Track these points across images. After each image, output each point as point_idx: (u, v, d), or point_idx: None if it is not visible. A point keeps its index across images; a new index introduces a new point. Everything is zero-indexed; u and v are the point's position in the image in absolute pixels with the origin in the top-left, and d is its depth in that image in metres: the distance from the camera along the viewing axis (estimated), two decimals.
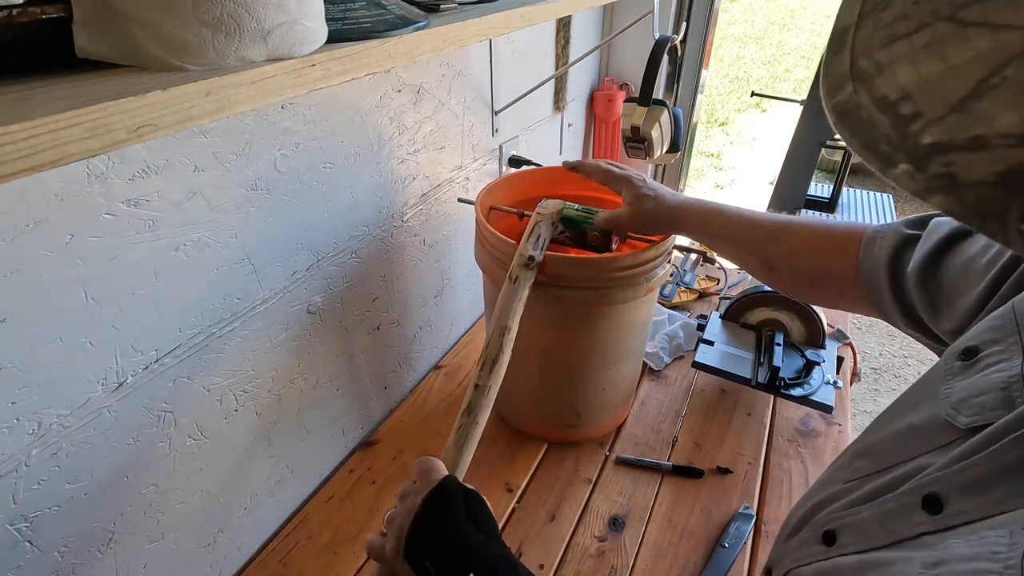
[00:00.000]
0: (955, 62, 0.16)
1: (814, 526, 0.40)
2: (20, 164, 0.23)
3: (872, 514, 0.35)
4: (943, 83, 0.17)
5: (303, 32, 0.35)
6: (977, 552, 0.27)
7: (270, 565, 0.73)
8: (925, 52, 0.17)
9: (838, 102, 0.19)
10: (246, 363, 0.64)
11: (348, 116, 0.69)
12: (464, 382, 1.02)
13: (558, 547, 0.74)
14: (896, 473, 0.36)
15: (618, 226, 0.67)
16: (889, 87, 0.18)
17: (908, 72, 0.17)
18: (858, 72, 0.19)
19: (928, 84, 0.17)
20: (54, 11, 0.30)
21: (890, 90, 0.18)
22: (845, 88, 0.19)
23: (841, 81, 0.19)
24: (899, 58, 0.18)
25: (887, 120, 0.18)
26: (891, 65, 0.18)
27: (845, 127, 0.19)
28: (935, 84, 0.17)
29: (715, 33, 1.44)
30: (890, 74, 0.18)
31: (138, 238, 0.49)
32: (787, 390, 0.87)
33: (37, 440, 0.47)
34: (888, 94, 0.18)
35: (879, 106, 0.18)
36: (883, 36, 0.18)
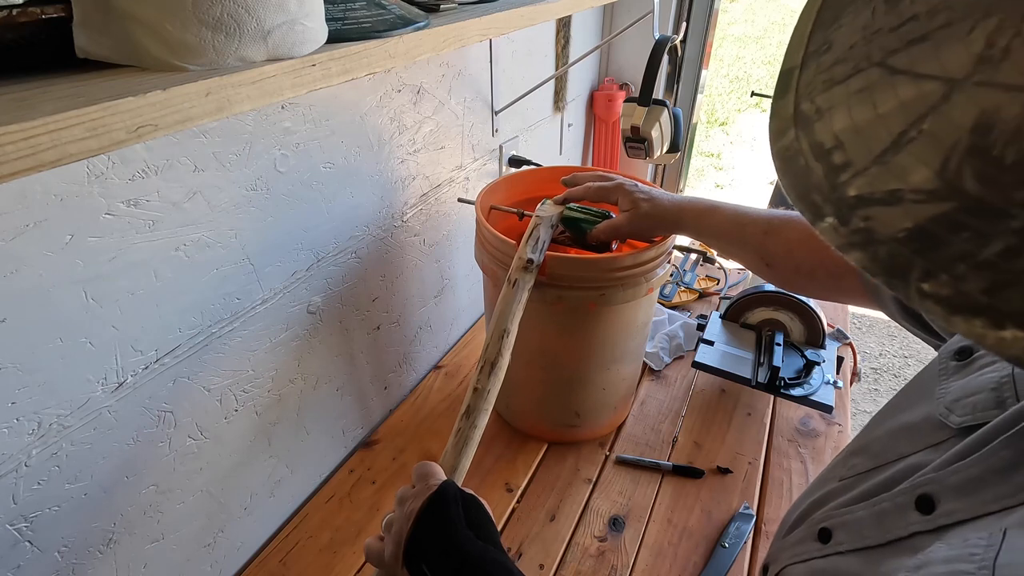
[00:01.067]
0: (882, 110, 0.16)
1: (811, 523, 0.41)
2: (20, 164, 0.23)
3: (867, 513, 0.36)
4: (871, 132, 0.16)
5: (303, 32, 0.35)
6: (957, 554, 0.27)
7: (270, 565, 0.73)
8: (857, 98, 0.17)
9: (781, 147, 0.19)
10: (246, 363, 0.64)
11: (348, 116, 0.69)
12: (464, 382, 1.02)
13: (558, 547, 0.74)
14: (890, 471, 0.37)
15: (619, 234, 0.67)
16: (825, 134, 0.18)
17: (843, 119, 0.17)
18: (801, 116, 0.19)
19: (858, 132, 0.17)
20: (54, 11, 0.30)
21: (826, 137, 0.18)
22: (788, 133, 0.19)
23: (785, 125, 0.19)
24: (836, 103, 0.18)
25: (821, 169, 0.18)
26: (829, 110, 0.18)
27: (786, 175, 0.19)
28: (864, 133, 0.17)
29: (715, 33, 1.44)
30: (827, 120, 0.18)
31: (138, 238, 0.49)
32: (787, 390, 0.87)
33: (37, 440, 0.47)
34: (824, 141, 0.18)
35: (815, 153, 0.18)
36: (823, 80, 0.18)
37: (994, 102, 0.14)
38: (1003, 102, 0.14)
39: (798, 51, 0.20)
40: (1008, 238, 0.14)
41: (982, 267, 0.14)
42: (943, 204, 0.15)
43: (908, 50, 0.16)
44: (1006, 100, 0.14)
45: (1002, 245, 0.14)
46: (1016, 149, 0.14)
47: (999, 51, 0.14)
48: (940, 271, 0.15)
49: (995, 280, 0.14)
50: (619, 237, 0.68)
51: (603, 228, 0.68)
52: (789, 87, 0.19)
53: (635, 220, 0.64)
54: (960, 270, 0.14)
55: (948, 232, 0.15)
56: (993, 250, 0.14)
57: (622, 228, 0.66)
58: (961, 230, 0.14)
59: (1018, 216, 0.13)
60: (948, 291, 0.14)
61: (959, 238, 0.14)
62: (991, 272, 0.14)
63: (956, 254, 0.14)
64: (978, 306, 0.14)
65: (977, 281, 0.14)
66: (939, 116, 0.15)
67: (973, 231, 0.14)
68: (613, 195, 0.67)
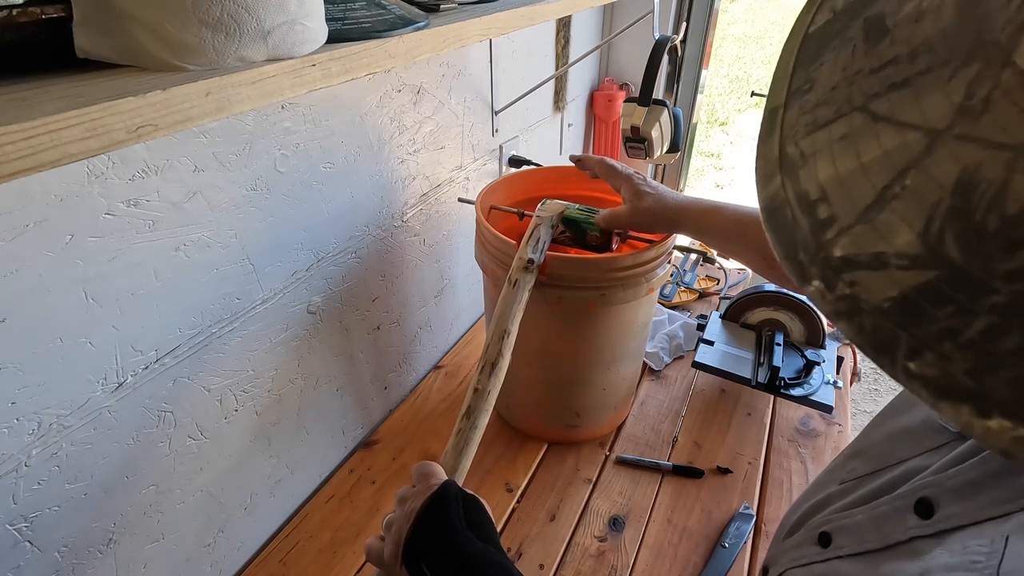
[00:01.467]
0: (866, 160, 0.15)
1: (810, 527, 0.41)
2: (20, 164, 0.23)
3: (866, 517, 0.36)
4: (855, 184, 0.16)
5: (303, 32, 0.35)
6: (959, 562, 0.27)
7: (270, 565, 0.73)
8: (841, 145, 0.16)
9: (768, 196, 0.18)
10: (246, 363, 0.64)
11: (348, 116, 0.69)
12: (464, 382, 1.02)
13: (558, 547, 0.74)
14: (890, 475, 0.37)
15: (618, 224, 0.67)
16: (810, 183, 0.17)
17: (827, 167, 0.16)
18: (786, 160, 0.18)
19: (842, 184, 0.16)
20: (54, 11, 0.30)
21: (811, 187, 0.17)
22: (774, 179, 0.18)
23: (771, 169, 0.18)
24: (820, 149, 0.17)
25: (807, 223, 0.17)
26: (813, 156, 0.17)
27: (771, 228, 0.18)
28: (848, 185, 0.16)
29: (715, 33, 1.44)
30: (812, 167, 0.17)
31: (138, 238, 0.49)
32: (787, 390, 0.87)
33: (37, 440, 0.47)
34: (809, 191, 0.17)
35: (801, 205, 0.17)
36: (807, 122, 0.18)
37: (975, 159, 0.13)
38: (984, 159, 0.13)
39: (781, 89, 0.19)
40: (992, 316, 0.13)
41: (967, 347, 0.13)
42: (927, 272, 0.14)
43: (889, 95, 0.15)
44: (987, 158, 0.13)
45: (986, 323, 0.13)
46: (998, 215, 0.13)
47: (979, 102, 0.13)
48: (926, 349, 0.14)
49: (980, 362, 0.13)
50: (618, 227, 0.68)
51: (604, 216, 0.68)
52: (774, 128, 0.19)
53: (636, 213, 0.64)
54: (946, 348, 0.13)
55: (932, 305, 0.14)
56: (977, 328, 0.13)
57: (622, 218, 0.66)
58: (945, 303, 0.13)
59: (1001, 291, 0.13)
60: (934, 372, 0.14)
61: (943, 312, 0.13)
62: (975, 353, 0.13)
63: (941, 330, 0.13)
64: (965, 391, 0.13)
65: (962, 362, 0.13)
66: (921, 171, 0.14)
67: (957, 305, 0.13)
68: (619, 181, 0.67)
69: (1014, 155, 0.13)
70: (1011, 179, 0.13)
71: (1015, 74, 0.13)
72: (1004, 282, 0.13)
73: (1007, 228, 0.13)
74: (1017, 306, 0.12)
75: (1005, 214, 0.13)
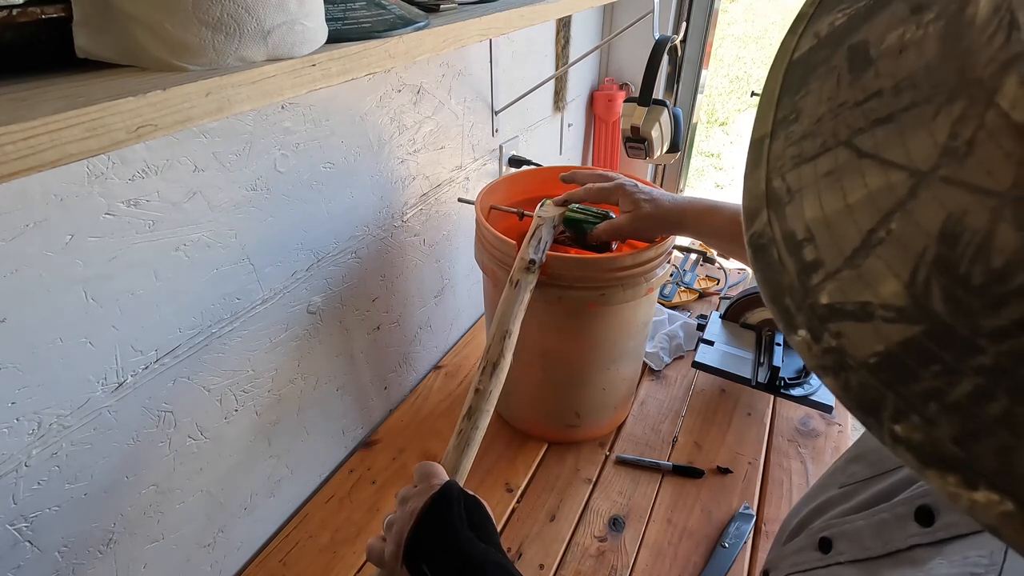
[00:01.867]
0: (851, 200, 0.15)
1: (811, 532, 0.41)
2: (20, 164, 0.23)
3: (867, 523, 0.36)
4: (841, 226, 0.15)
5: (303, 32, 0.35)
6: (959, 573, 0.27)
7: (270, 565, 0.73)
8: (826, 182, 0.16)
9: (754, 233, 0.18)
10: (246, 363, 0.64)
11: (348, 116, 0.69)
12: (464, 382, 1.02)
13: (558, 547, 0.74)
14: (890, 480, 0.37)
15: (620, 235, 0.67)
16: (796, 221, 0.16)
17: (813, 205, 0.16)
18: (772, 194, 0.17)
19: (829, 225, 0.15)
20: (54, 11, 0.30)
21: (797, 226, 0.16)
22: (761, 215, 0.17)
23: (757, 204, 0.18)
24: (806, 185, 0.16)
25: (793, 266, 0.16)
26: (800, 192, 0.16)
27: (758, 268, 0.17)
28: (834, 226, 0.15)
29: (715, 33, 1.43)
30: (798, 203, 0.16)
31: (138, 238, 0.49)
32: (787, 390, 0.87)
33: (37, 440, 0.47)
34: (796, 231, 0.16)
35: (788, 245, 0.16)
36: (793, 154, 0.17)
37: (961, 205, 0.13)
38: (970, 206, 0.12)
39: (767, 118, 0.19)
40: (977, 377, 0.12)
41: (952, 410, 0.12)
42: (913, 327, 0.13)
43: (874, 131, 0.15)
44: (973, 204, 0.12)
45: (972, 385, 0.12)
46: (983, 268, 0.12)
47: (963, 143, 0.13)
48: (911, 411, 0.13)
49: (966, 428, 0.12)
50: (620, 238, 0.68)
51: (604, 228, 0.68)
52: (760, 159, 0.18)
53: (636, 221, 0.64)
54: (931, 411, 0.13)
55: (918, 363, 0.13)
56: (963, 391, 0.12)
57: (623, 229, 0.66)
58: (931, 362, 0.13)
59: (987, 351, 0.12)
60: (920, 437, 0.13)
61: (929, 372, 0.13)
62: (961, 418, 0.12)
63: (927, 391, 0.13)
64: (951, 459, 0.12)
65: (948, 427, 0.12)
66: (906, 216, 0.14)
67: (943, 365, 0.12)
68: (613, 196, 0.67)
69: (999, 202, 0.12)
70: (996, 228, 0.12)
71: (999, 115, 0.12)
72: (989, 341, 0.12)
73: (992, 283, 0.12)
74: (1003, 368, 0.12)
75: (990, 267, 0.12)
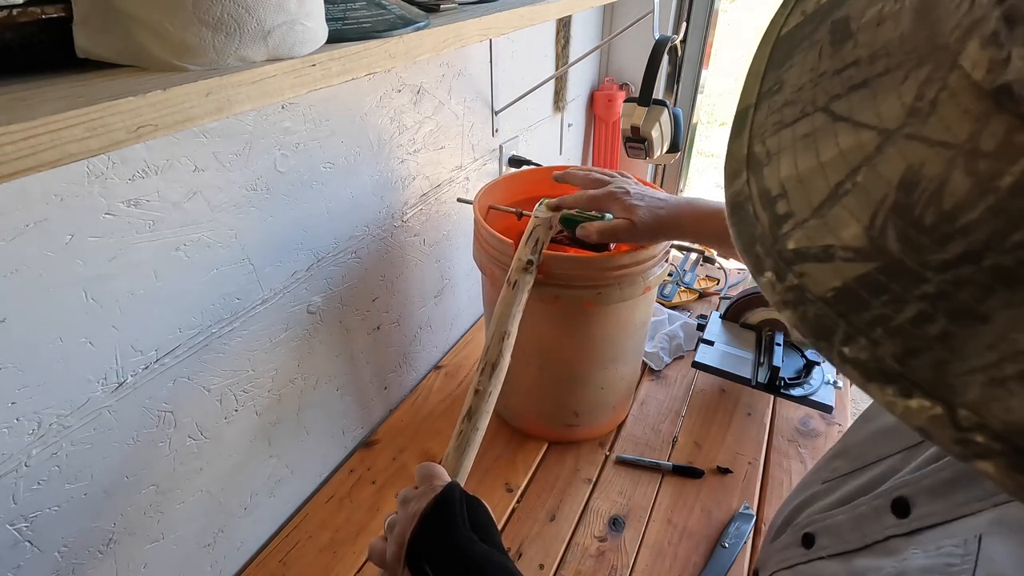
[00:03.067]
0: (824, 159, 0.16)
1: (795, 528, 0.41)
2: (20, 164, 0.23)
3: (847, 517, 0.36)
4: (812, 181, 0.16)
5: (303, 32, 0.35)
6: (933, 564, 0.28)
7: (270, 565, 0.73)
8: (803, 144, 0.17)
9: (733, 193, 0.19)
10: (246, 363, 0.64)
11: (348, 116, 0.69)
12: (464, 382, 1.02)
13: (558, 547, 0.74)
14: (870, 474, 0.37)
15: (616, 239, 0.66)
16: (772, 180, 0.18)
17: (788, 165, 0.17)
18: (752, 158, 0.19)
19: (801, 181, 0.17)
20: (54, 11, 0.30)
21: (772, 184, 0.18)
22: (740, 176, 0.19)
23: (738, 168, 0.19)
24: (784, 147, 0.18)
25: (766, 218, 0.17)
26: (777, 154, 0.18)
27: (734, 223, 0.19)
28: (806, 181, 0.16)
29: (715, 33, 1.43)
30: (775, 164, 0.18)
31: (138, 238, 0.49)
32: (787, 390, 0.87)
33: (37, 440, 0.47)
34: (771, 188, 0.18)
35: (762, 201, 0.18)
36: (774, 121, 0.18)
37: (920, 157, 0.14)
38: (928, 158, 0.14)
39: (753, 89, 0.20)
40: (921, 303, 0.13)
41: (896, 333, 0.14)
42: (868, 264, 0.15)
43: (849, 96, 0.16)
44: (931, 156, 0.14)
45: (915, 310, 0.14)
46: (935, 210, 0.13)
47: (927, 103, 0.14)
48: (859, 335, 0.14)
49: (907, 347, 0.14)
50: (617, 241, 0.68)
51: (598, 228, 0.65)
52: (744, 127, 0.19)
53: (632, 230, 0.62)
54: (877, 334, 0.14)
55: (870, 294, 0.14)
56: (907, 315, 0.14)
57: (620, 233, 0.64)
58: (881, 293, 0.14)
59: (931, 280, 0.13)
60: (865, 356, 0.14)
61: (879, 301, 0.14)
62: (903, 338, 0.14)
63: (875, 318, 0.14)
64: (891, 374, 0.14)
65: (891, 347, 0.14)
66: (871, 169, 0.15)
67: (891, 294, 0.14)
68: (605, 204, 0.65)
69: (955, 153, 0.13)
70: (950, 176, 0.13)
71: (961, 76, 0.13)
72: (935, 272, 0.13)
73: (941, 222, 0.13)
74: (944, 294, 0.13)
75: (941, 209, 0.13)
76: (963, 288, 0.13)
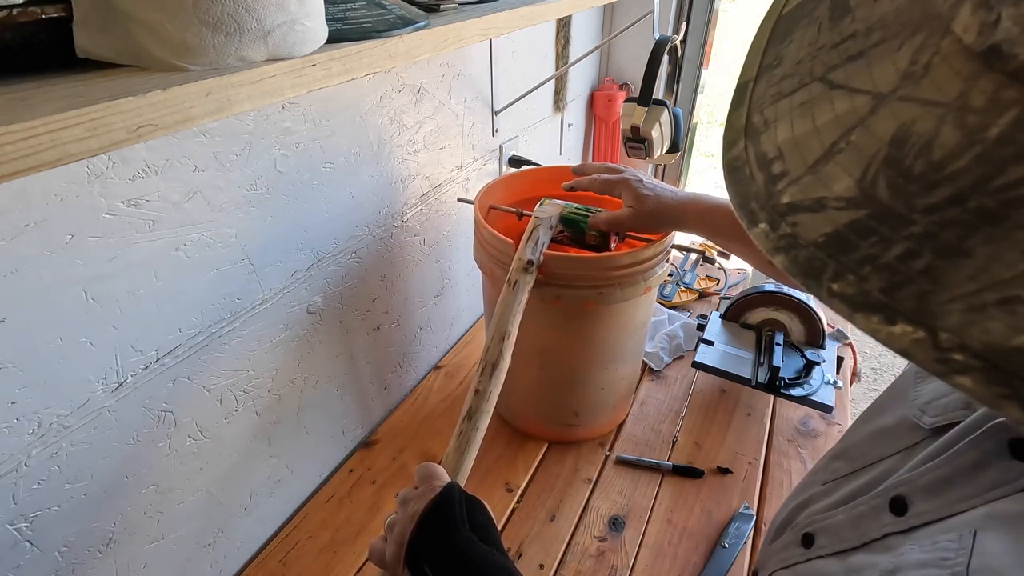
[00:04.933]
0: (819, 123, 0.17)
1: (795, 528, 0.41)
2: (20, 164, 0.23)
3: (846, 517, 0.37)
4: (807, 143, 0.17)
5: (303, 32, 0.35)
6: (930, 558, 0.28)
7: (270, 565, 0.73)
8: (799, 111, 0.18)
9: (731, 157, 0.20)
10: (246, 363, 0.64)
11: (348, 116, 0.69)
12: (464, 382, 1.02)
13: (558, 547, 0.74)
14: (869, 475, 0.38)
15: (620, 228, 0.67)
16: (769, 144, 0.19)
17: (785, 130, 0.18)
18: (750, 127, 0.20)
19: (797, 143, 0.18)
20: (54, 11, 0.30)
21: (769, 148, 0.19)
22: (738, 144, 0.20)
23: (736, 136, 0.20)
24: (781, 115, 0.19)
25: (762, 177, 0.18)
26: (775, 122, 0.19)
27: (730, 183, 0.20)
28: (801, 144, 0.17)
29: (715, 33, 1.43)
30: (772, 131, 0.19)
31: (138, 238, 0.49)
32: (787, 390, 0.87)
33: (37, 440, 0.47)
34: (767, 151, 0.19)
35: (759, 163, 0.19)
36: (773, 93, 0.19)
37: (912, 115, 0.15)
38: (919, 115, 0.15)
39: (753, 65, 0.21)
40: (908, 243, 0.15)
41: (883, 269, 0.15)
42: (859, 211, 0.16)
43: (846, 66, 0.17)
44: (922, 114, 0.15)
45: (902, 249, 0.15)
46: (924, 161, 0.14)
47: (921, 68, 0.15)
48: (848, 272, 0.16)
49: (893, 280, 0.15)
50: (620, 230, 0.68)
51: (604, 219, 0.68)
52: (743, 100, 0.20)
53: (638, 216, 0.64)
54: (865, 271, 0.15)
55: (859, 237, 0.16)
56: (894, 253, 0.15)
57: (624, 222, 0.66)
58: (870, 235, 0.15)
59: (918, 223, 0.14)
60: (852, 290, 0.15)
61: (867, 243, 0.15)
62: (889, 273, 0.15)
63: (863, 257, 0.15)
64: (877, 304, 0.15)
65: (877, 282, 0.15)
66: (864, 129, 0.16)
67: (880, 236, 0.15)
68: (617, 189, 0.67)
69: (944, 111, 0.14)
70: (940, 131, 0.14)
71: (953, 41, 0.14)
72: (922, 215, 0.14)
73: (929, 171, 0.14)
74: (930, 234, 0.14)
75: (931, 159, 0.14)
76: (948, 228, 0.14)
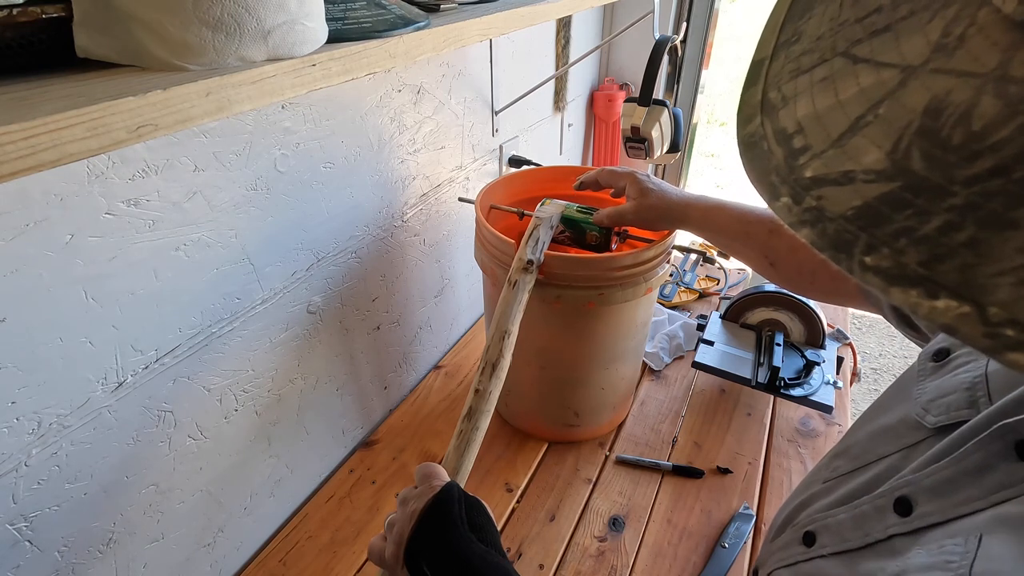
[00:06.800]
0: (843, 97, 0.17)
1: (796, 527, 0.41)
2: (20, 164, 0.23)
3: (848, 516, 0.37)
4: (830, 117, 0.17)
5: (303, 32, 0.35)
6: (934, 562, 0.28)
7: (270, 565, 0.73)
8: (821, 86, 0.17)
9: (746, 134, 0.20)
10: (246, 363, 0.64)
11: (348, 116, 0.69)
12: (464, 382, 1.02)
13: (558, 547, 0.74)
14: (871, 473, 0.37)
15: (623, 221, 0.68)
16: (788, 120, 0.18)
17: (806, 105, 0.18)
18: (767, 103, 0.19)
19: (819, 118, 0.17)
20: (54, 11, 0.30)
21: (788, 123, 0.18)
22: (754, 120, 0.19)
23: (752, 112, 0.20)
24: (800, 91, 0.18)
25: (782, 152, 0.18)
26: (794, 98, 0.18)
27: (747, 158, 0.19)
28: (824, 118, 0.17)
29: (715, 33, 1.43)
30: (791, 106, 0.18)
31: (138, 238, 0.49)
32: (787, 390, 0.87)
33: (37, 440, 0.47)
34: (786, 127, 0.18)
35: (778, 138, 0.18)
36: (791, 69, 0.19)
37: (946, 87, 0.14)
38: (954, 86, 0.14)
39: (769, 42, 0.20)
40: (948, 214, 0.14)
41: (921, 242, 0.14)
42: (891, 183, 0.15)
43: (871, 40, 0.16)
44: (957, 85, 0.14)
45: (941, 221, 0.14)
46: (963, 131, 0.14)
47: (954, 39, 0.14)
48: (882, 245, 0.15)
49: (933, 253, 0.14)
50: (623, 224, 0.69)
51: (608, 213, 0.68)
52: (758, 77, 0.20)
53: (641, 209, 0.65)
54: (901, 244, 0.15)
55: (892, 210, 0.15)
56: (933, 225, 0.14)
57: (627, 215, 0.66)
58: (905, 207, 0.15)
59: (959, 194, 0.14)
60: (888, 263, 0.15)
61: (902, 215, 0.15)
62: (929, 246, 0.14)
63: (898, 230, 0.15)
64: (915, 277, 0.14)
65: (916, 255, 0.14)
66: (894, 101, 0.15)
67: (916, 208, 0.15)
68: (622, 180, 0.67)
69: (983, 80, 0.14)
70: (979, 100, 0.14)
71: (991, 12, 0.14)
72: (962, 186, 0.14)
73: (970, 141, 0.14)
74: (973, 205, 0.14)
75: (970, 130, 0.14)
76: (993, 198, 0.13)
